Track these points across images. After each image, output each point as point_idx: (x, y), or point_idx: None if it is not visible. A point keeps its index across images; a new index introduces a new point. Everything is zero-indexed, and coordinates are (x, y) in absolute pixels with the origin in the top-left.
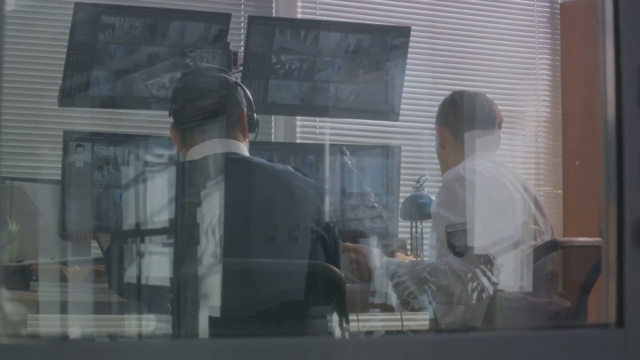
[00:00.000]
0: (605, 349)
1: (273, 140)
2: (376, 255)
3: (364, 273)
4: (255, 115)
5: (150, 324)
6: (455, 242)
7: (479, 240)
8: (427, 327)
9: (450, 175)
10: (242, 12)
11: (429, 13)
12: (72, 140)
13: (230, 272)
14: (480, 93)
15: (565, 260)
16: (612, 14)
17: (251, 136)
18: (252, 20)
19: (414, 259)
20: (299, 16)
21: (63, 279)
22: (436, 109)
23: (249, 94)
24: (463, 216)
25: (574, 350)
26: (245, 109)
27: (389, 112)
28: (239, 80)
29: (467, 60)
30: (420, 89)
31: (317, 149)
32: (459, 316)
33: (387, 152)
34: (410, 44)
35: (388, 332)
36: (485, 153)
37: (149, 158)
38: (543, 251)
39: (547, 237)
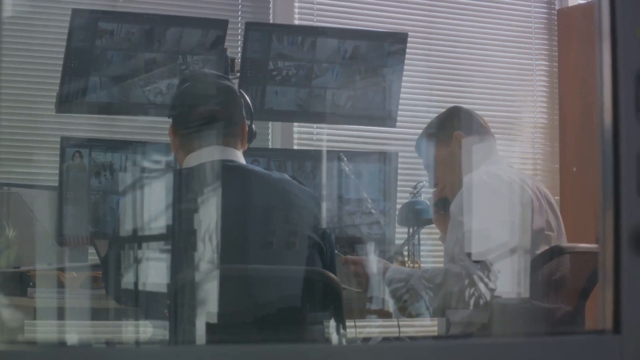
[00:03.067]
0: (602, 355)
1: (270, 147)
2: (379, 266)
3: (367, 285)
4: (253, 127)
5: (148, 330)
6: (473, 247)
7: (496, 246)
8: (424, 333)
9: (471, 179)
10: (240, 18)
11: (426, 19)
12: (69, 146)
13: (227, 279)
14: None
15: (571, 265)
16: (609, 20)
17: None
18: (249, 26)
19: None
20: (296, 22)
21: (60, 285)
22: (433, 115)
23: (251, 106)
24: (482, 222)
25: (571, 356)
26: (246, 120)
27: (386, 118)
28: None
29: (464, 66)
30: (418, 95)
31: (314, 155)
32: (467, 316)
33: (384, 158)
34: (407, 50)
35: (385, 338)
36: (498, 158)
37: (146, 164)
38: (548, 256)
39: (562, 242)
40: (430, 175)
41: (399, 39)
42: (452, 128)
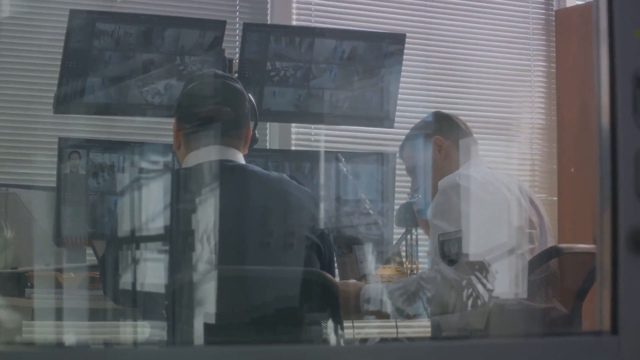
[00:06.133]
0: (599, 357)
1: (268, 147)
2: (367, 289)
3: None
4: (256, 133)
5: (145, 330)
6: (447, 250)
7: (473, 248)
8: (422, 335)
9: (446, 182)
10: (237, 19)
11: (423, 20)
12: (67, 147)
13: (225, 279)
14: None
15: (569, 266)
16: (607, 21)
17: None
18: (247, 27)
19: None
20: (294, 23)
21: (58, 285)
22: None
23: (257, 112)
24: (457, 224)
25: (568, 358)
26: (251, 125)
27: (384, 119)
28: None
29: (462, 67)
30: (415, 95)
31: (312, 156)
32: (456, 323)
33: (382, 159)
34: (405, 50)
35: (383, 339)
36: (478, 160)
37: (144, 165)
38: (546, 257)
39: (546, 238)
40: (412, 180)
41: (396, 40)
42: (432, 133)
